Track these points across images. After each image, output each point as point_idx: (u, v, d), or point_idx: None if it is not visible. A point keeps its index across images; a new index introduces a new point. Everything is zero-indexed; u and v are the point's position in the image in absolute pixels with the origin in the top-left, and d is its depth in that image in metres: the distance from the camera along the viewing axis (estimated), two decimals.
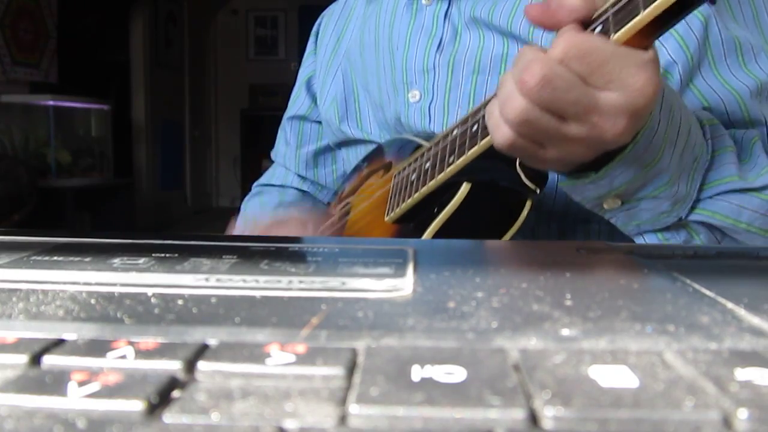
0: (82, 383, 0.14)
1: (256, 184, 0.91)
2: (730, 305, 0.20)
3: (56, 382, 0.14)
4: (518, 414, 0.12)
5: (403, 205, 0.56)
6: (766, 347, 0.16)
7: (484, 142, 0.47)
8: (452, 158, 0.51)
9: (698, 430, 0.12)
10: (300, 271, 0.25)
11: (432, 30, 0.66)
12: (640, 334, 0.17)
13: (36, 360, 0.15)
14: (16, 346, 0.16)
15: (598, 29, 0.40)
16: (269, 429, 0.12)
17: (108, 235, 0.34)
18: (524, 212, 0.52)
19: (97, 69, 4.40)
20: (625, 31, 0.39)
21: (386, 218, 0.59)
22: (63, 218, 3.46)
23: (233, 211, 0.85)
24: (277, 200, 0.84)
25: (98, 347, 0.16)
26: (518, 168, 0.50)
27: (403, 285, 0.23)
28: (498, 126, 0.44)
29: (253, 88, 5.96)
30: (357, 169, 0.75)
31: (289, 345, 0.16)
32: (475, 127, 0.49)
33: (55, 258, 0.27)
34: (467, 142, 0.50)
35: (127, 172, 4.41)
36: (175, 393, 0.13)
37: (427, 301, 0.21)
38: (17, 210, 2.97)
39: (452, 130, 0.53)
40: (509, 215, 0.52)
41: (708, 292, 0.22)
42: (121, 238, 0.33)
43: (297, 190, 0.87)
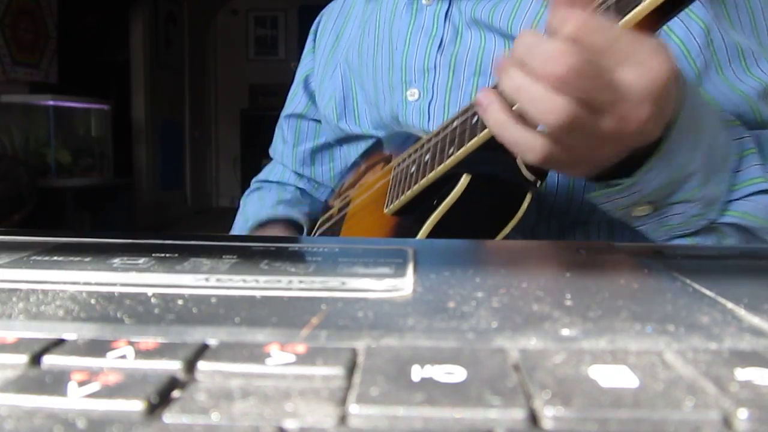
0: (82, 383, 0.14)
1: (254, 180, 0.92)
2: (730, 305, 0.20)
3: (56, 382, 0.14)
4: (518, 414, 0.12)
5: (402, 198, 0.56)
6: (766, 347, 0.16)
7: (484, 134, 0.47)
8: (452, 150, 0.51)
9: (698, 430, 0.12)
10: (300, 271, 0.25)
11: (432, 30, 0.66)
12: (640, 334, 0.17)
13: (36, 360, 0.15)
14: (16, 346, 0.16)
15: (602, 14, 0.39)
16: (269, 429, 0.12)
17: (108, 235, 0.34)
18: (524, 205, 0.52)
19: (97, 69, 4.40)
20: (632, 16, 0.38)
21: (385, 210, 0.59)
22: (63, 218, 3.46)
23: (233, 211, 0.85)
24: (276, 197, 0.84)
25: (98, 347, 0.16)
26: (518, 159, 0.50)
27: (403, 285, 0.23)
28: (530, 143, 0.42)
29: (253, 88, 5.96)
30: (356, 164, 0.75)
31: (289, 345, 0.16)
32: (476, 118, 0.49)
33: (55, 258, 0.27)
34: (467, 132, 0.49)
35: (127, 172, 4.41)
36: (175, 393, 0.13)
37: (427, 301, 0.21)
38: (17, 210, 2.98)
39: (452, 121, 0.53)
40: (509, 208, 0.52)
41: (708, 292, 0.22)
42: (121, 238, 0.33)
43: (295, 187, 0.87)
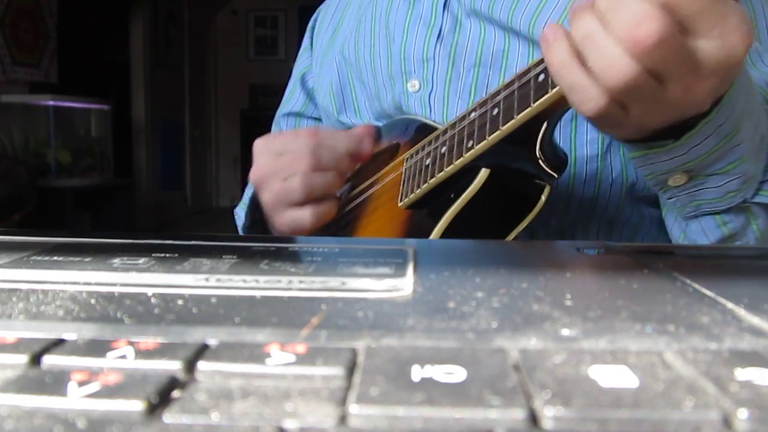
0: (82, 383, 0.14)
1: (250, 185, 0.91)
2: (730, 305, 0.20)
3: (56, 382, 0.14)
4: (518, 414, 0.12)
5: (418, 191, 0.55)
6: (766, 347, 0.16)
7: (507, 127, 0.46)
8: (471, 143, 0.50)
9: (698, 430, 0.12)
10: (300, 271, 0.25)
11: (431, 20, 0.66)
12: (640, 334, 0.17)
13: (36, 360, 0.15)
14: (16, 346, 0.16)
15: None
16: (269, 429, 0.12)
17: (108, 235, 0.34)
18: (543, 198, 0.51)
19: (97, 69, 4.40)
20: None
21: (400, 204, 0.58)
22: (63, 218, 3.46)
23: (233, 211, 0.84)
24: (293, 125, 0.84)
25: (98, 347, 0.16)
26: (538, 153, 0.49)
27: (403, 285, 0.23)
28: (594, 96, 0.39)
29: (253, 88, 5.97)
30: None
31: (289, 345, 0.16)
32: (496, 110, 0.48)
33: (55, 258, 0.27)
34: (488, 125, 0.48)
35: (127, 172, 4.42)
36: (175, 393, 0.13)
37: (427, 301, 0.21)
38: (17, 210, 2.98)
39: (469, 113, 0.52)
40: (527, 202, 0.51)
41: (708, 292, 0.22)
42: (121, 238, 0.33)
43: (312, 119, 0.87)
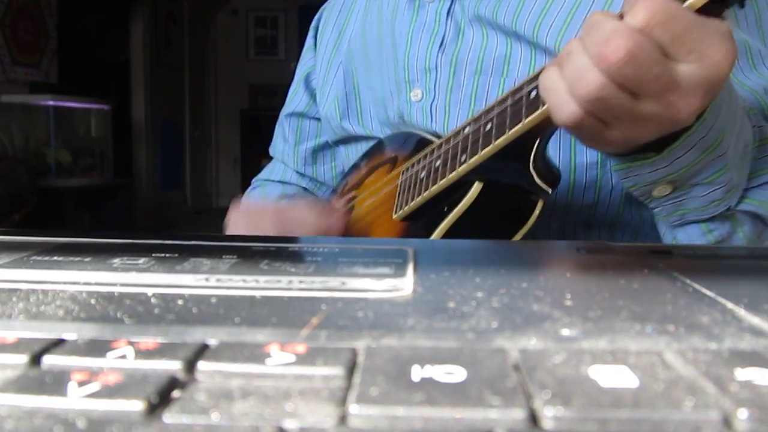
0: (82, 383, 0.14)
1: (255, 179, 0.91)
2: (730, 305, 0.20)
3: (56, 382, 0.14)
4: (518, 414, 0.12)
5: (412, 204, 0.56)
6: (766, 347, 0.16)
7: (498, 142, 0.47)
8: (464, 157, 0.50)
9: (698, 430, 0.12)
10: (300, 271, 0.25)
11: (434, 28, 0.66)
12: (640, 334, 0.17)
13: (36, 360, 0.15)
14: (16, 346, 0.16)
15: None
16: (269, 429, 0.12)
17: (108, 235, 0.34)
18: (536, 212, 0.51)
19: (97, 69, 4.40)
20: None
21: (394, 216, 0.58)
22: (63, 218, 3.46)
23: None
24: (280, 192, 0.84)
25: (98, 347, 0.16)
26: (531, 168, 0.50)
27: (403, 285, 0.23)
28: (565, 103, 0.40)
29: (253, 88, 5.97)
30: (358, 164, 0.74)
31: (289, 345, 0.16)
32: (489, 125, 0.49)
33: (55, 258, 0.27)
34: (480, 140, 0.49)
35: (127, 172, 4.41)
36: (175, 393, 0.13)
37: (427, 301, 0.21)
38: (17, 210, 2.98)
39: (463, 128, 0.53)
40: (520, 215, 0.52)
41: (708, 292, 0.22)
42: (121, 238, 0.33)
43: (297, 186, 0.87)
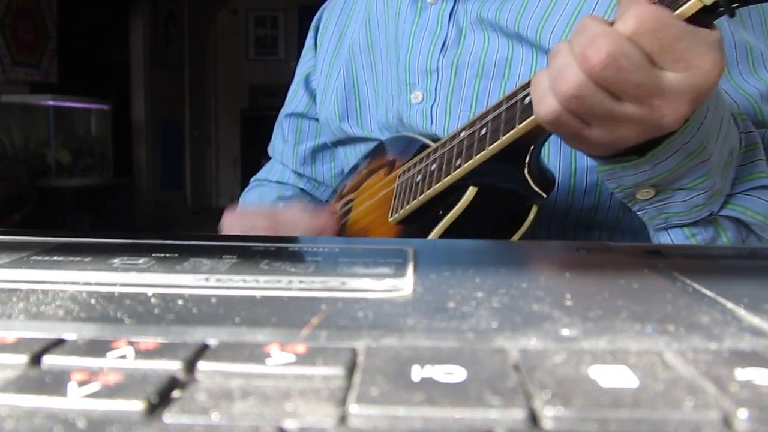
0: (82, 383, 0.14)
1: (253, 179, 0.91)
2: (730, 305, 0.20)
3: (56, 382, 0.14)
4: (518, 414, 0.12)
5: (408, 207, 0.56)
6: (766, 347, 0.16)
7: (492, 147, 0.47)
8: (459, 161, 0.51)
9: (698, 430, 0.12)
10: (300, 271, 0.25)
11: (436, 30, 0.66)
12: (640, 334, 0.17)
13: (36, 360, 0.15)
14: (16, 346, 0.16)
15: (665, 1, 0.38)
16: (269, 429, 0.12)
17: (108, 235, 0.34)
18: (530, 217, 0.52)
19: (97, 69, 4.40)
20: (691, 4, 0.37)
21: (390, 219, 0.59)
22: (63, 218, 3.46)
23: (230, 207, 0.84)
24: (277, 194, 0.84)
25: (98, 347, 0.16)
26: (526, 173, 0.50)
27: (403, 285, 0.23)
28: (544, 97, 0.41)
29: (253, 88, 5.96)
30: (357, 166, 0.74)
31: (289, 345, 0.16)
32: (484, 130, 0.49)
33: (55, 258, 0.27)
34: (475, 145, 0.49)
35: (127, 172, 4.41)
36: (175, 393, 0.13)
37: (427, 301, 0.21)
38: (17, 210, 2.98)
39: (459, 132, 0.53)
40: (515, 220, 0.52)
41: (708, 292, 0.22)
42: (121, 238, 0.33)
43: (294, 187, 0.87)
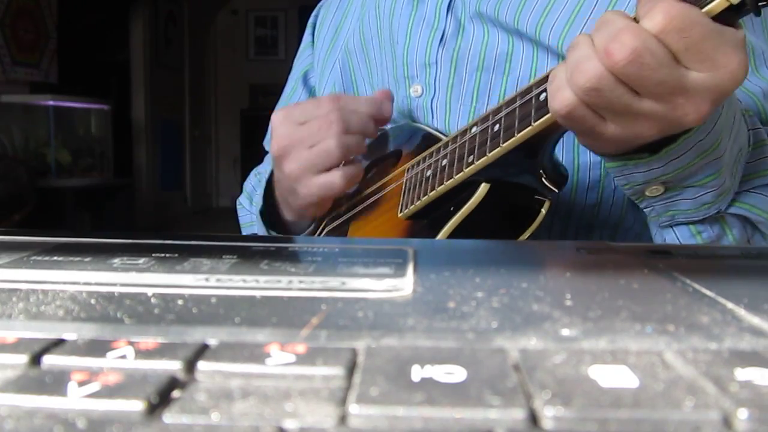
0: (82, 383, 0.14)
1: (255, 170, 0.89)
2: (730, 305, 0.20)
3: (56, 382, 0.14)
4: (518, 414, 0.12)
5: (418, 203, 0.55)
6: (766, 347, 0.16)
7: (507, 144, 0.47)
8: (471, 158, 0.50)
9: (698, 430, 0.12)
10: (300, 271, 0.25)
11: (434, 23, 0.65)
12: (640, 334, 0.17)
13: (36, 360, 0.15)
14: (16, 346, 0.16)
15: None
16: (269, 429, 0.12)
17: (108, 235, 0.34)
18: (543, 212, 0.51)
19: (97, 69, 4.40)
20: (718, 2, 0.36)
21: (400, 214, 0.58)
22: (63, 218, 3.46)
23: (233, 211, 0.84)
24: None
25: (98, 347, 0.16)
26: (540, 168, 0.49)
27: (403, 285, 0.23)
28: (560, 89, 0.40)
29: (253, 88, 5.97)
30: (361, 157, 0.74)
31: (289, 345, 0.16)
32: (497, 126, 0.48)
33: (55, 258, 0.27)
34: (488, 142, 0.49)
35: (127, 172, 4.42)
36: (175, 393, 0.13)
37: (427, 301, 0.21)
38: (17, 210, 2.98)
39: (470, 128, 0.52)
40: (526, 216, 0.51)
41: (708, 292, 0.22)
42: (121, 238, 0.33)
43: None
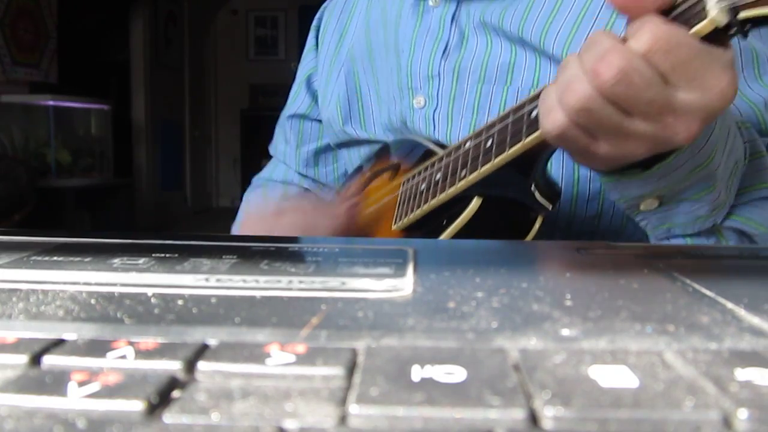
0: (82, 383, 0.14)
1: (256, 178, 0.90)
2: (730, 305, 0.20)
3: (56, 382, 0.14)
4: (518, 414, 0.12)
5: (411, 216, 0.56)
6: (766, 347, 0.16)
7: (498, 160, 0.47)
8: (464, 172, 0.50)
9: (698, 430, 0.12)
10: (300, 271, 0.25)
11: (438, 33, 0.65)
12: (640, 334, 0.17)
13: (36, 360, 0.15)
14: (16, 346, 0.16)
15: (679, 19, 0.37)
16: (269, 429, 0.12)
17: (108, 235, 0.34)
18: (535, 227, 0.51)
19: (97, 69, 4.40)
20: (708, 22, 0.36)
21: (394, 226, 0.58)
22: (63, 218, 3.46)
23: (233, 211, 0.84)
24: (281, 192, 0.83)
25: (98, 347, 0.16)
26: (532, 184, 0.50)
27: (403, 285, 0.23)
28: (551, 111, 0.40)
29: (253, 88, 5.97)
30: (362, 168, 0.74)
31: (289, 345, 0.16)
32: (490, 142, 0.48)
33: (55, 258, 0.27)
34: (480, 157, 0.49)
35: (127, 172, 4.41)
36: (175, 393, 0.13)
37: (427, 301, 0.21)
38: (17, 210, 2.97)
39: (465, 142, 0.52)
40: (519, 230, 0.52)
41: (708, 292, 0.22)
42: (121, 238, 0.33)
43: (299, 187, 0.86)
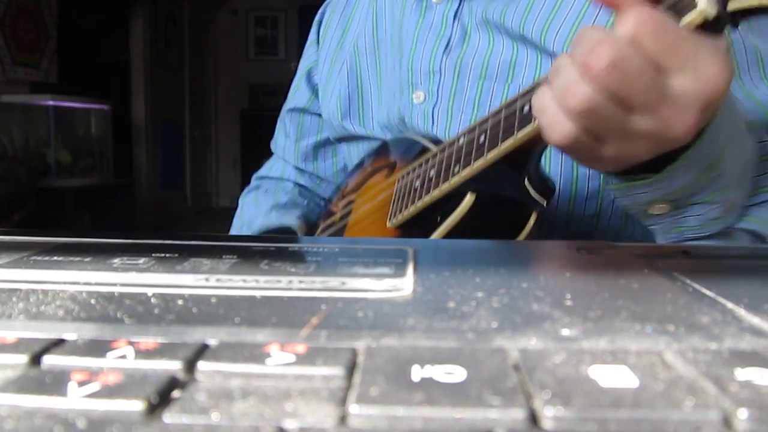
0: (82, 383, 0.14)
1: (255, 176, 0.91)
2: (730, 305, 0.20)
3: (56, 382, 0.14)
4: (518, 414, 0.12)
5: (406, 212, 0.56)
6: (766, 347, 0.16)
7: (491, 155, 0.47)
8: (457, 168, 0.50)
9: (698, 430, 0.12)
10: (300, 271, 0.25)
11: (441, 30, 0.65)
12: (640, 334, 0.17)
13: (36, 360, 0.15)
14: (16, 346, 0.16)
15: (668, 9, 0.37)
16: (269, 429, 0.12)
17: (108, 235, 0.34)
18: (530, 224, 0.51)
19: (97, 69, 4.40)
20: (696, 13, 0.36)
21: (388, 224, 0.59)
22: (63, 218, 3.46)
23: (233, 211, 0.85)
24: (272, 200, 0.84)
25: (98, 347, 0.16)
26: (525, 180, 0.50)
27: (403, 285, 0.23)
28: (556, 121, 0.39)
29: (253, 88, 5.97)
30: (360, 165, 0.74)
31: (289, 345, 0.16)
32: (483, 137, 0.48)
33: (55, 258, 0.27)
34: (473, 153, 0.49)
35: (127, 172, 4.41)
36: (175, 393, 0.13)
37: (427, 301, 0.21)
38: (17, 210, 2.97)
39: (458, 138, 0.53)
40: (514, 227, 0.52)
41: (708, 292, 0.22)
42: (121, 238, 0.33)
43: (294, 184, 0.87)
